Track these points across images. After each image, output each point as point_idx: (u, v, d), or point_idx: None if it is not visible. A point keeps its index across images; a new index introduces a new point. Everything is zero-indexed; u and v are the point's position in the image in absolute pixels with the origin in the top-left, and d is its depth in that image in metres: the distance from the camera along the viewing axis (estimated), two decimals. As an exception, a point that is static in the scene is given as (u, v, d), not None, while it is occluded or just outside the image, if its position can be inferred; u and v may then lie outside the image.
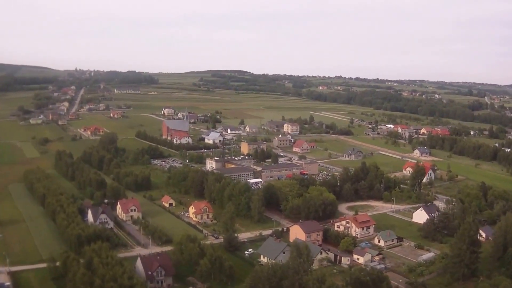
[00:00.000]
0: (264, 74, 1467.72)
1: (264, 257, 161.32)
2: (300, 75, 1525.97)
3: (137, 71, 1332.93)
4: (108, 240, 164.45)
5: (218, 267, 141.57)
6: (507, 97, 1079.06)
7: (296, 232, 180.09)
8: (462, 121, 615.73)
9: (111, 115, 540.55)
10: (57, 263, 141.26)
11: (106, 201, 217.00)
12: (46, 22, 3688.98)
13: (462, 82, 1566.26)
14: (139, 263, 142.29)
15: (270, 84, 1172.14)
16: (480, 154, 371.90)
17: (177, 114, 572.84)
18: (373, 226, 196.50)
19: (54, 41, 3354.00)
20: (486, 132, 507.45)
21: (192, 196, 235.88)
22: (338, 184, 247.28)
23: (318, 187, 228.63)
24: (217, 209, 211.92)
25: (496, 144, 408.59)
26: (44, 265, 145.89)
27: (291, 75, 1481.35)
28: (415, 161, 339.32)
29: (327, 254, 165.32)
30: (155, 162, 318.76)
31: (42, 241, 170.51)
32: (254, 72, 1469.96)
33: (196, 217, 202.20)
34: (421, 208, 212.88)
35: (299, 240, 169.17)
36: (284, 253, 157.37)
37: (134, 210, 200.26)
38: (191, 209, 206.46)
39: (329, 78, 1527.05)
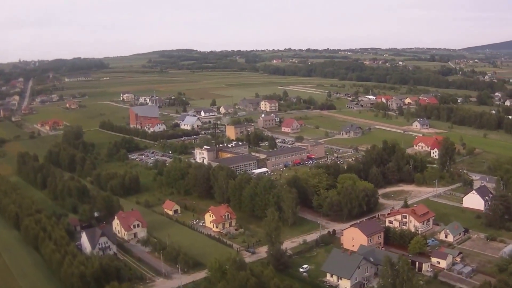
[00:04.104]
0: (212, 51, 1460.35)
1: (332, 276, 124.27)
2: (248, 49, 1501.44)
3: (82, 57, 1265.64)
4: (119, 274, 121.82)
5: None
6: (470, 61, 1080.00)
7: (354, 236, 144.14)
8: (437, 88, 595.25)
9: (67, 105, 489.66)
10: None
11: (96, 215, 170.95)
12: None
13: (415, 48, 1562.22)
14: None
15: (222, 60, 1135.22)
16: (483, 123, 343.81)
17: (138, 99, 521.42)
18: (432, 218, 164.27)
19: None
20: (473, 99, 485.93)
21: (196, 198, 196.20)
22: (362, 168, 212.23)
23: (348, 174, 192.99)
24: (236, 213, 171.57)
25: (493, 111, 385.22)
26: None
27: (239, 50, 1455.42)
28: (421, 135, 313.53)
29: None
30: (131, 156, 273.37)
31: (31, 284, 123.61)
32: (201, 50, 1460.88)
33: (216, 227, 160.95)
34: (474, 191, 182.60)
35: (367, 247, 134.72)
36: (359, 268, 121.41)
37: (138, 225, 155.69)
38: (208, 217, 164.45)
39: (279, 51, 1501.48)
